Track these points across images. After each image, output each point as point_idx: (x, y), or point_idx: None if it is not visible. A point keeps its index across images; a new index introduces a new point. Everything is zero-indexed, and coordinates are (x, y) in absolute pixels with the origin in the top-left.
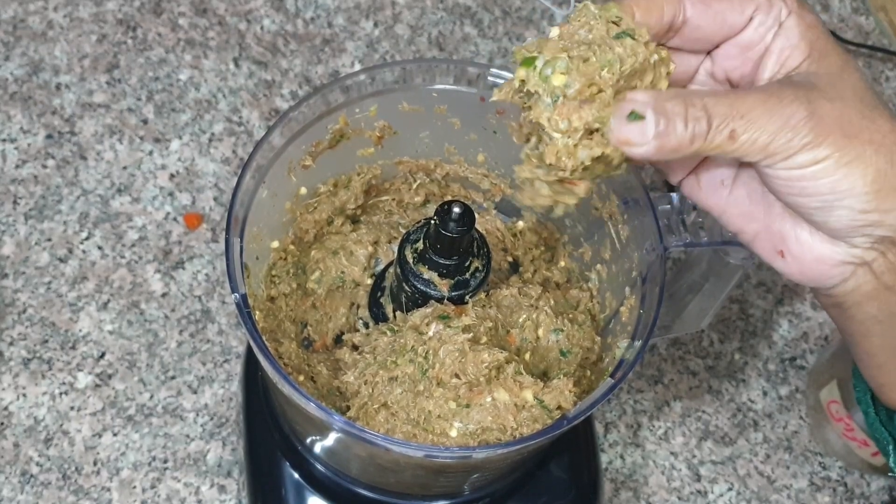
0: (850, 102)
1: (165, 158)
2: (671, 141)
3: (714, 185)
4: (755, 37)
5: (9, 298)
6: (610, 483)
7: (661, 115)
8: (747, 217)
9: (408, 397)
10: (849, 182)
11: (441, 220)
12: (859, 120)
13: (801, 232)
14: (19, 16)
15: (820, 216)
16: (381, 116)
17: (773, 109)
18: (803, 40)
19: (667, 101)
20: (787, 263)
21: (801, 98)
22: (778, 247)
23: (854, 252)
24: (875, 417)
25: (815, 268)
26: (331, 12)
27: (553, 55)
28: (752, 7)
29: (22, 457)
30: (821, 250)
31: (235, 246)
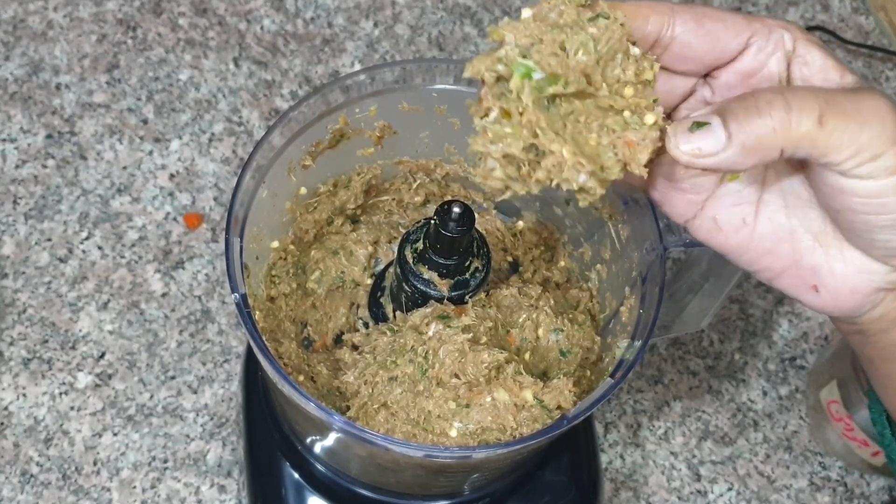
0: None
1: (165, 158)
2: (751, 136)
3: (735, 224)
4: (755, 64)
5: (9, 298)
6: (610, 483)
7: (728, 115)
8: (773, 255)
9: (407, 397)
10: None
11: (441, 219)
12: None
13: (836, 263)
14: (19, 16)
15: (885, 235)
16: (381, 116)
17: (857, 99)
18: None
19: (729, 102)
20: (821, 297)
21: (881, 95)
22: (810, 282)
23: (890, 278)
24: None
25: (851, 298)
26: (331, 12)
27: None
28: (748, 33)
29: (22, 457)
30: (856, 280)
31: (235, 246)
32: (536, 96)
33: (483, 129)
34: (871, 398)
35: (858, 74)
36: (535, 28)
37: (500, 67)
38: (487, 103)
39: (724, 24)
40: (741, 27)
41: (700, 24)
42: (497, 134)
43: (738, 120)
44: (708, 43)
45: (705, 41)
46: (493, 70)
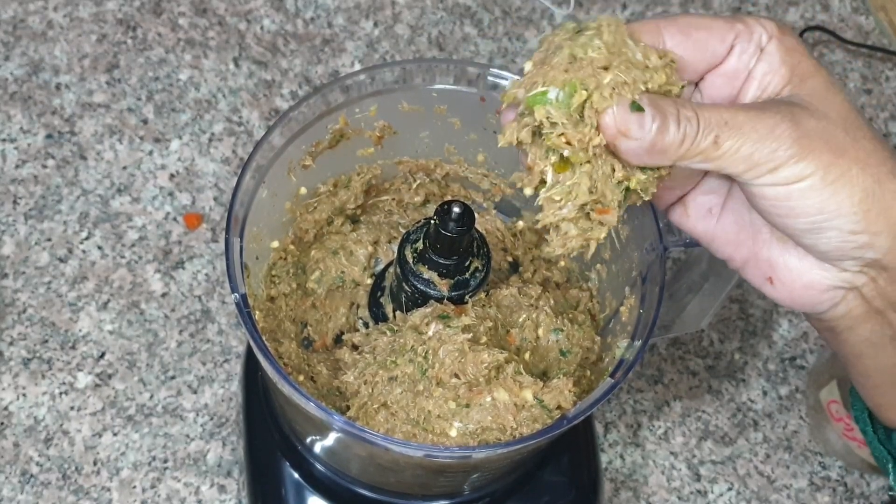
0: (834, 121)
1: (165, 158)
2: (663, 139)
3: (702, 212)
4: (739, 65)
5: (9, 298)
6: (610, 483)
7: (658, 111)
8: (735, 245)
9: (407, 397)
10: (836, 201)
11: (441, 219)
12: (843, 138)
13: (790, 258)
14: (19, 16)
15: (809, 238)
16: (381, 116)
17: (756, 119)
18: (784, 65)
19: (660, 100)
20: (777, 290)
21: (784, 112)
22: (767, 274)
23: (843, 276)
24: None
25: (805, 294)
26: (331, 12)
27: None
28: (732, 35)
29: (22, 457)
30: (810, 276)
31: (235, 246)
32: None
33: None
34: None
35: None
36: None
37: (528, 120)
38: (538, 167)
39: (710, 30)
40: (726, 30)
41: (687, 35)
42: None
43: (663, 121)
44: (698, 52)
45: (695, 51)
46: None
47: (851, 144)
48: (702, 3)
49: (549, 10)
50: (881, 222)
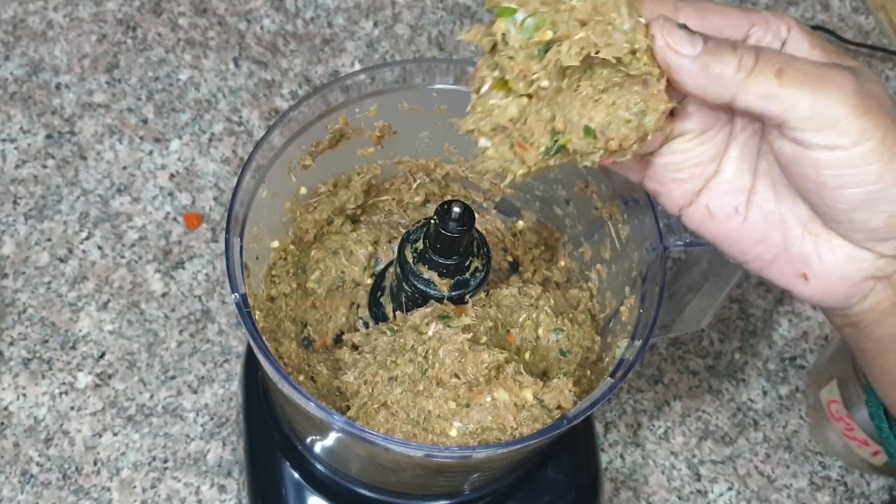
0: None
1: (165, 158)
2: (717, 64)
3: (727, 212)
4: None
5: (9, 298)
6: (610, 483)
7: (710, 40)
8: (764, 243)
9: (407, 397)
10: (894, 170)
11: (441, 219)
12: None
13: (824, 251)
14: (19, 16)
15: (861, 214)
16: (381, 116)
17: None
18: (815, 48)
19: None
20: (811, 286)
21: (848, 72)
22: (800, 270)
23: (878, 264)
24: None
25: (839, 287)
26: (331, 12)
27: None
28: (748, 25)
29: (22, 457)
30: (845, 268)
31: (235, 246)
32: (525, 43)
33: (473, 105)
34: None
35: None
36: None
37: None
38: (481, 73)
39: (726, 16)
40: (741, 19)
41: (703, 17)
42: (486, 107)
43: (716, 46)
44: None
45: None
46: (488, 35)
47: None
48: None
49: None
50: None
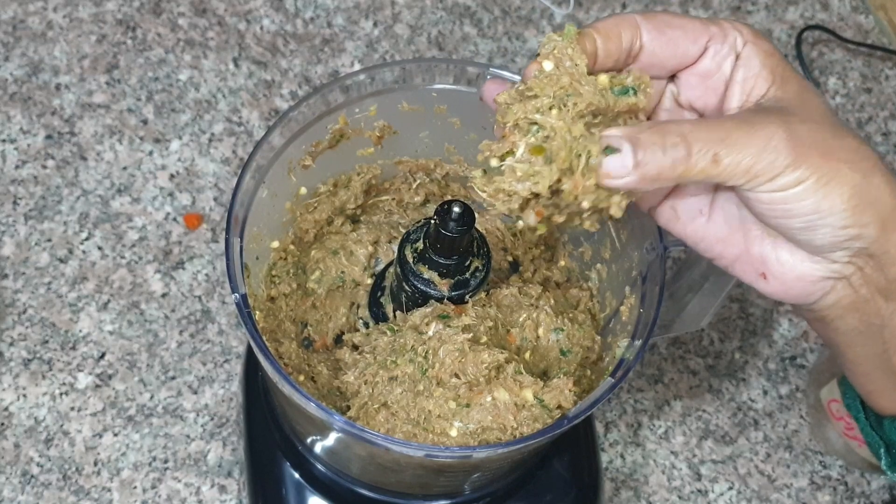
0: (820, 123)
1: (165, 159)
2: (652, 168)
3: (692, 214)
4: (712, 66)
5: (9, 299)
6: (610, 482)
7: (637, 146)
8: (726, 243)
9: (408, 397)
10: (829, 201)
11: (441, 219)
12: (832, 139)
13: (782, 253)
14: (19, 16)
15: (804, 235)
16: (381, 116)
17: (752, 132)
18: (765, 68)
19: (641, 133)
20: (770, 284)
21: (776, 121)
22: (759, 269)
23: (833, 267)
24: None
25: (797, 286)
26: (330, 12)
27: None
28: (706, 37)
29: (22, 457)
30: (801, 269)
31: (235, 246)
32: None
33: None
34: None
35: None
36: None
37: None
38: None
39: (684, 30)
40: (699, 32)
41: (662, 32)
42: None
43: (645, 151)
44: (670, 49)
45: (667, 48)
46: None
47: (838, 144)
48: (701, 2)
49: (549, 10)
50: (869, 214)
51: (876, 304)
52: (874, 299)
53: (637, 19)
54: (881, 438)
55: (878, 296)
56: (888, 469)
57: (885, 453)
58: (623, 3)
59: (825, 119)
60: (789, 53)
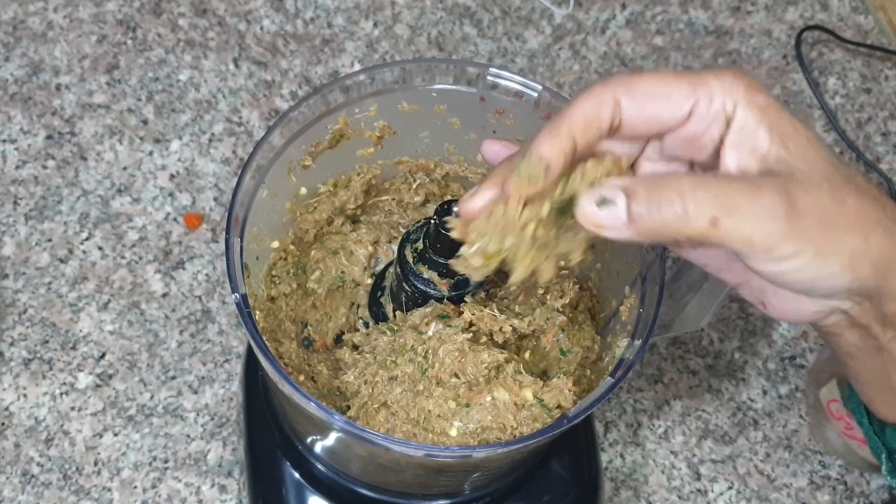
0: (822, 187)
1: (165, 159)
2: (646, 224)
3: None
4: (697, 129)
5: (9, 299)
6: (610, 482)
7: (633, 198)
8: (728, 271)
9: (407, 397)
10: (829, 269)
11: (440, 219)
12: (832, 205)
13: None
14: (19, 16)
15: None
16: (381, 116)
17: (754, 199)
18: (761, 125)
19: (639, 185)
20: (770, 311)
21: (780, 190)
22: (759, 298)
23: (831, 304)
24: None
25: (796, 316)
26: (330, 12)
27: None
28: (690, 102)
29: (23, 457)
30: (798, 304)
31: (235, 246)
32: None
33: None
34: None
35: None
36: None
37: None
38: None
39: (667, 101)
40: (683, 97)
41: (643, 107)
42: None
43: (640, 206)
44: (651, 123)
45: (649, 122)
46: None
47: (840, 211)
48: (701, 2)
49: (549, 10)
50: (867, 268)
51: (873, 331)
52: (872, 326)
53: (617, 95)
54: (883, 444)
55: (876, 323)
56: (888, 475)
57: (887, 459)
58: (623, 3)
59: (827, 178)
60: (789, 54)
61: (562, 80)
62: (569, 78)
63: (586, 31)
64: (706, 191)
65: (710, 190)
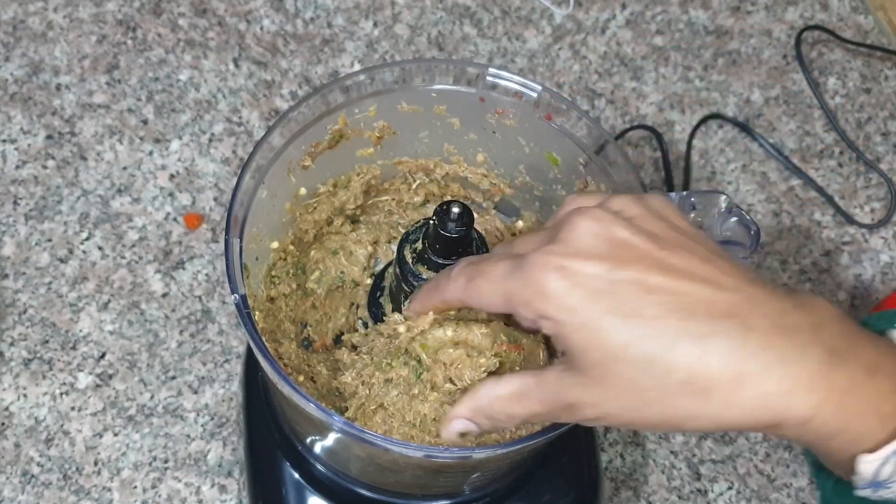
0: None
1: (165, 159)
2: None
3: None
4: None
5: (9, 299)
6: (610, 482)
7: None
8: None
9: (403, 400)
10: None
11: (440, 220)
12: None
13: None
14: (19, 16)
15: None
16: (381, 117)
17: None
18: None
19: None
20: None
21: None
22: None
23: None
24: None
25: None
26: (330, 12)
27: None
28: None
29: (23, 457)
30: None
31: (235, 246)
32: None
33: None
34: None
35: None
36: None
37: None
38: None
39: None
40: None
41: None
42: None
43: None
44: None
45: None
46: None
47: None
48: (701, 2)
49: (549, 10)
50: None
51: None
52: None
53: (447, 302)
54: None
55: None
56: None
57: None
58: (623, 3)
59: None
60: (789, 54)
61: (562, 80)
62: (569, 78)
63: (586, 31)
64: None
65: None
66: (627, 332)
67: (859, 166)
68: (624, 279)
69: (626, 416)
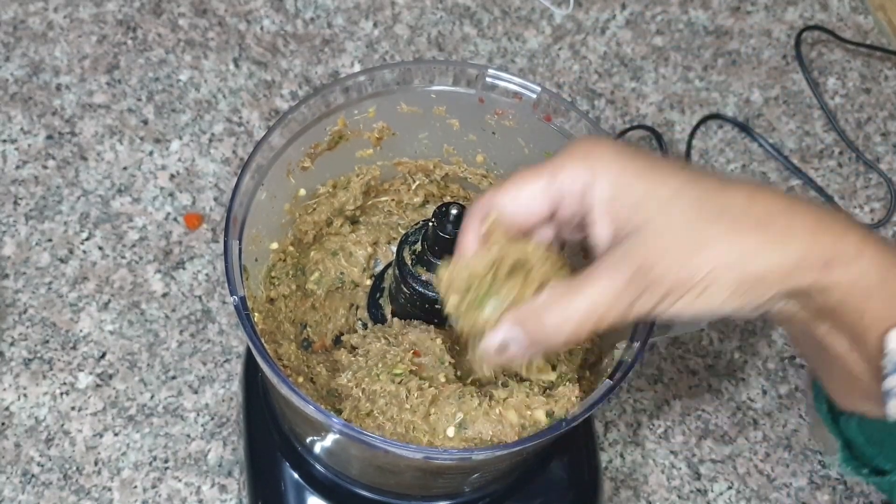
0: (679, 229)
1: (165, 159)
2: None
3: None
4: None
5: (10, 299)
6: (610, 482)
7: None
8: None
9: (392, 409)
10: (716, 302)
11: (439, 221)
12: (692, 241)
13: None
14: (19, 17)
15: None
16: (380, 118)
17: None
18: (613, 199)
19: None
20: None
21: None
22: None
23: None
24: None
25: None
26: (331, 12)
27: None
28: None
29: (23, 457)
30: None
31: (234, 248)
32: None
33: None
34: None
35: (645, 200)
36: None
37: None
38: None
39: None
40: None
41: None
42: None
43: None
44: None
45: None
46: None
47: (702, 241)
48: (701, 2)
49: (549, 10)
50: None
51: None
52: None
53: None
54: (839, 433)
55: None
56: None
57: (841, 449)
58: (623, 3)
59: (687, 218)
60: (789, 54)
61: (562, 81)
62: (569, 78)
63: (586, 31)
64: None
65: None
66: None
67: (859, 166)
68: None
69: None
